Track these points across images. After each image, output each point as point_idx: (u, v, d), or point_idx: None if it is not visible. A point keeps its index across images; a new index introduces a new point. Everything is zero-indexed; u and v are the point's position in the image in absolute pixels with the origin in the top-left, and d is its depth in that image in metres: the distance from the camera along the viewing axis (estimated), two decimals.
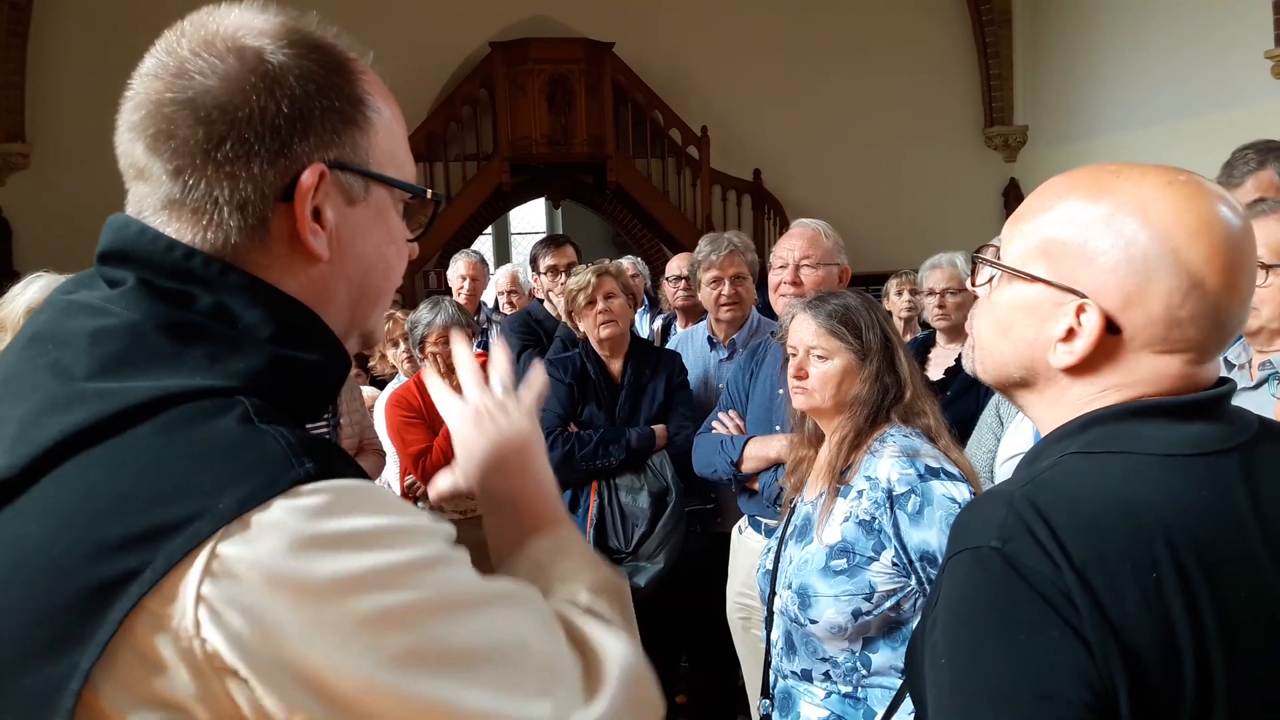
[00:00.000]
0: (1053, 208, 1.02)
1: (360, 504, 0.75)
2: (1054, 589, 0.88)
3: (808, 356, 2.15)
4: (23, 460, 0.73)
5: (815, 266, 2.96)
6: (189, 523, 0.70)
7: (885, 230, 9.76)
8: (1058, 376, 1.02)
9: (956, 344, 3.61)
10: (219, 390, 0.77)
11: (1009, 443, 2.57)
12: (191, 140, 0.80)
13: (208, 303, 0.81)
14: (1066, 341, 1.00)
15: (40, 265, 2.49)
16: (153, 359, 0.77)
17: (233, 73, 0.81)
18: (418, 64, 9.16)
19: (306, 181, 0.82)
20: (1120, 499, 0.93)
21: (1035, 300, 1.02)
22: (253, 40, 0.82)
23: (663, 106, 10.05)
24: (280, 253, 0.84)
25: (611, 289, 3.41)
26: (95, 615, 0.69)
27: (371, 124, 0.87)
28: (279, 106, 0.81)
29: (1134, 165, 1.02)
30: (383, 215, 0.91)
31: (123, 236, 0.83)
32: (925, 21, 10.81)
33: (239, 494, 0.71)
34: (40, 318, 0.84)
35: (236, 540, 0.70)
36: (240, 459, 0.73)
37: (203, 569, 0.69)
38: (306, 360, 0.84)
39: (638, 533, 3.22)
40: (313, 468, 0.74)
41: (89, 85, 8.70)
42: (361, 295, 0.92)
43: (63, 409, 0.74)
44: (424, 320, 3.54)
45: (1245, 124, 5.37)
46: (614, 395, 3.41)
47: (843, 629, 1.95)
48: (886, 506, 1.95)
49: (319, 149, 0.83)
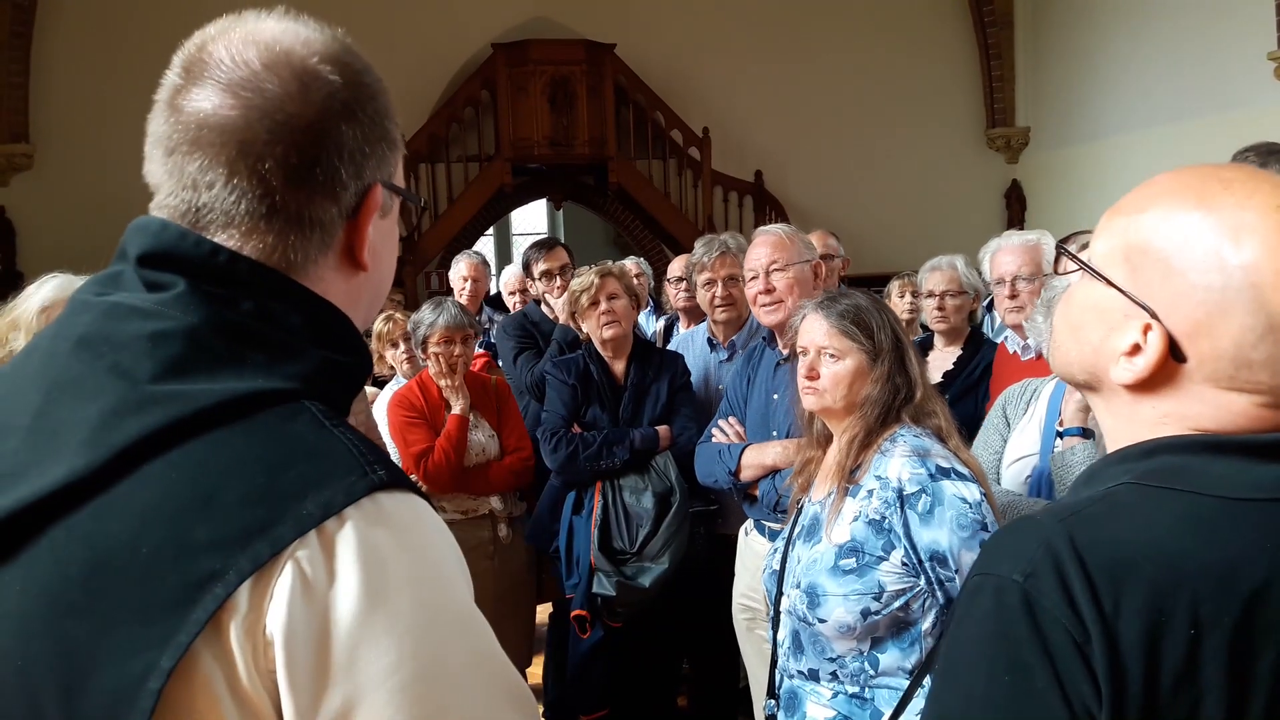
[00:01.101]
0: (1147, 209, 0.94)
1: (422, 535, 0.78)
2: (1064, 637, 0.83)
3: (819, 357, 2.15)
4: (100, 460, 0.74)
5: (785, 269, 2.98)
6: (273, 526, 0.71)
7: (886, 231, 9.77)
8: (1119, 390, 0.96)
9: (955, 346, 3.60)
10: (284, 393, 0.79)
11: (1015, 444, 2.57)
12: (284, 160, 0.82)
13: (251, 307, 0.83)
14: (1130, 356, 0.93)
15: (44, 266, 2.49)
16: (215, 362, 0.79)
17: (317, 99, 0.84)
18: (419, 65, 9.17)
19: (374, 203, 0.88)
20: (1166, 546, 0.86)
21: (1108, 305, 0.95)
22: (322, 63, 0.85)
23: (664, 108, 10.05)
24: (334, 265, 0.88)
25: (615, 290, 3.42)
26: (178, 615, 0.69)
27: (401, 143, 0.93)
28: (355, 133, 0.86)
29: (1249, 176, 0.92)
30: (395, 225, 0.97)
31: (163, 240, 0.83)
32: (927, 23, 10.81)
33: (320, 499, 0.73)
34: (80, 319, 0.83)
35: (314, 550, 0.72)
36: (318, 464, 0.75)
37: (280, 574, 0.71)
38: (345, 362, 0.88)
39: (642, 533, 3.22)
40: (385, 475, 0.76)
41: (92, 86, 8.73)
42: (375, 299, 0.97)
43: (135, 411, 0.75)
44: (426, 320, 3.54)
45: (1247, 126, 5.37)
46: (617, 396, 3.41)
47: (851, 628, 1.95)
48: (897, 506, 1.95)
49: (377, 170, 0.89)
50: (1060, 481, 2.27)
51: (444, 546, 0.80)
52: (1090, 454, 2.25)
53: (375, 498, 0.75)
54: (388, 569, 0.73)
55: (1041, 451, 2.47)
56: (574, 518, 3.35)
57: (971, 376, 3.41)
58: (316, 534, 0.72)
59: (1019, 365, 3.00)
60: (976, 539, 1.89)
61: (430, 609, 0.75)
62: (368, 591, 0.72)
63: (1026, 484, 2.48)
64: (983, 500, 1.94)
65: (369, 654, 0.71)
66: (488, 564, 3.50)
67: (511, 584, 3.58)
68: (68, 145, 8.89)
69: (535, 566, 3.72)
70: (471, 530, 3.51)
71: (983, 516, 1.92)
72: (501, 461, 3.56)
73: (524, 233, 15.56)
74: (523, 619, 3.69)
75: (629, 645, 3.32)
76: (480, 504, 3.54)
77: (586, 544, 3.25)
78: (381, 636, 0.72)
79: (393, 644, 0.72)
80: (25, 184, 9.10)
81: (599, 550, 3.21)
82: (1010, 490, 2.47)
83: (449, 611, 0.77)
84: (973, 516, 1.90)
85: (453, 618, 0.77)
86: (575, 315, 3.53)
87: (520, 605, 3.66)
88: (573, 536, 3.34)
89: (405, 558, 0.75)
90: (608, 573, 3.17)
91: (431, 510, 0.82)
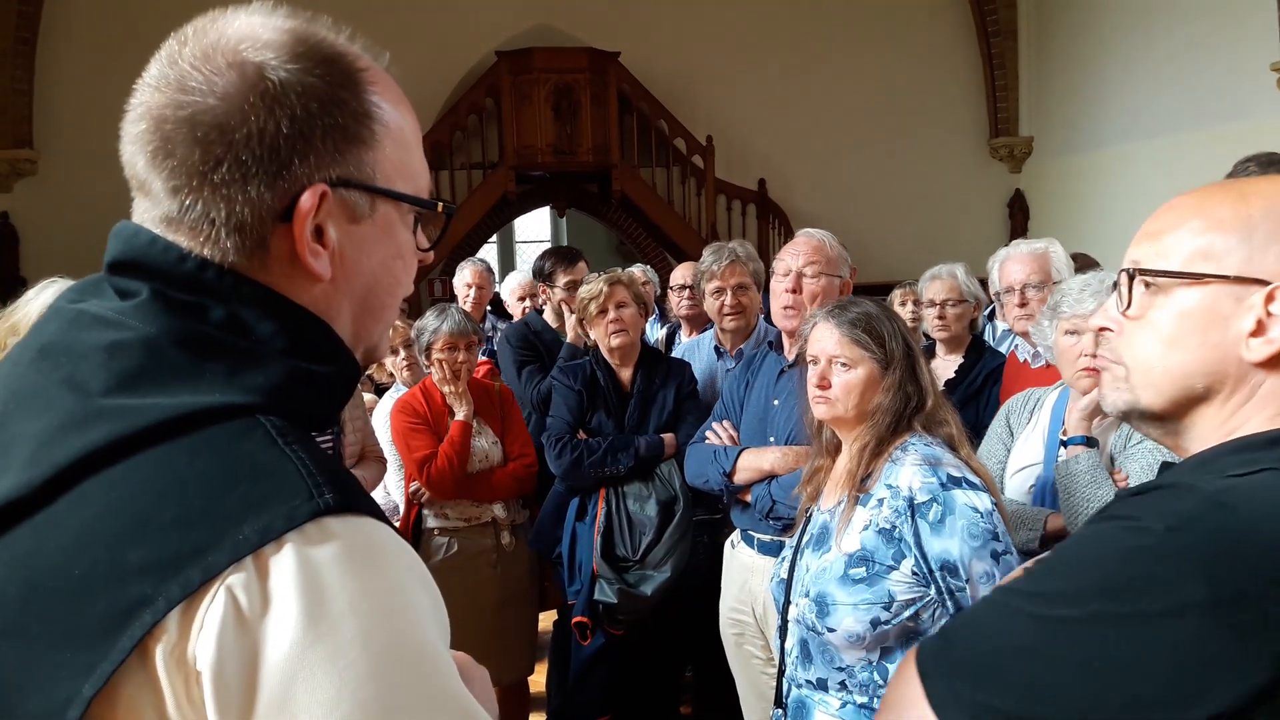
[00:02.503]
0: (1198, 215, 0.99)
1: (371, 562, 0.72)
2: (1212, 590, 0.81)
3: (830, 366, 2.13)
4: (39, 478, 0.71)
5: (817, 276, 2.93)
6: (207, 551, 0.68)
7: (890, 240, 9.77)
8: (1250, 374, 0.97)
9: (956, 355, 3.60)
10: (239, 408, 0.75)
11: (1019, 453, 2.56)
12: (189, 160, 0.78)
13: (220, 315, 0.79)
14: (1258, 335, 0.95)
15: (47, 271, 2.49)
16: (171, 374, 0.76)
17: (232, 90, 0.78)
18: (424, 73, 9.20)
19: (305, 204, 0.80)
20: None
21: (1209, 302, 0.98)
22: (255, 54, 0.80)
23: (668, 116, 10.08)
24: (281, 272, 0.82)
25: (623, 298, 3.42)
26: (105, 642, 0.67)
27: (378, 138, 0.85)
28: (278, 126, 0.79)
29: (1261, 178, 0.99)
30: (389, 230, 0.88)
31: (133, 246, 0.81)
32: (931, 32, 10.83)
33: (258, 524, 0.69)
34: (48, 328, 0.81)
35: (249, 576, 0.68)
36: (262, 485, 0.71)
37: (211, 601, 0.67)
38: (320, 372, 0.83)
39: (645, 541, 3.21)
40: (332, 499, 0.72)
41: (96, 92, 8.73)
42: (365, 311, 0.90)
43: (80, 426, 0.73)
44: (430, 327, 3.54)
45: (1251, 136, 5.36)
46: (624, 403, 3.41)
47: (861, 638, 1.93)
48: (908, 515, 1.94)
49: (321, 168, 0.81)
50: (1064, 490, 2.26)
51: (400, 574, 0.74)
52: (1094, 462, 2.25)
53: (321, 522, 0.70)
54: (328, 598, 0.68)
55: (1045, 461, 2.47)
56: (577, 524, 3.35)
57: (973, 385, 3.41)
58: (253, 560, 0.68)
59: (1029, 373, 3.00)
60: (988, 548, 1.88)
61: (378, 642, 0.68)
62: (304, 622, 0.67)
63: (1030, 493, 2.48)
64: (994, 510, 1.93)
65: (304, 690, 0.66)
66: (490, 571, 3.49)
67: (514, 591, 3.57)
68: (71, 151, 8.91)
69: (538, 574, 3.72)
70: (474, 537, 3.51)
71: (994, 526, 1.90)
72: (505, 468, 3.55)
73: (527, 240, 15.59)
74: (525, 626, 3.68)
75: (631, 653, 3.30)
76: (483, 511, 3.53)
77: (589, 551, 3.24)
78: (318, 671, 0.66)
79: (330, 680, 0.66)
80: (29, 189, 9.14)
81: (601, 557, 3.20)
82: (1014, 500, 2.46)
83: (399, 646, 0.70)
84: (984, 526, 1.89)
85: (403, 653, 0.70)
86: (583, 322, 3.53)
87: (523, 613, 3.65)
88: (575, 543, 3.33)
89: (350, 586, 0.69)
90: (610, 580, 3.16)
91: (394, 537, 0.76)
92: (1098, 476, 2.22)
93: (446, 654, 0.75)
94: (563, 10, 10.12)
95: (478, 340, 3.67)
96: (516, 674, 3.62)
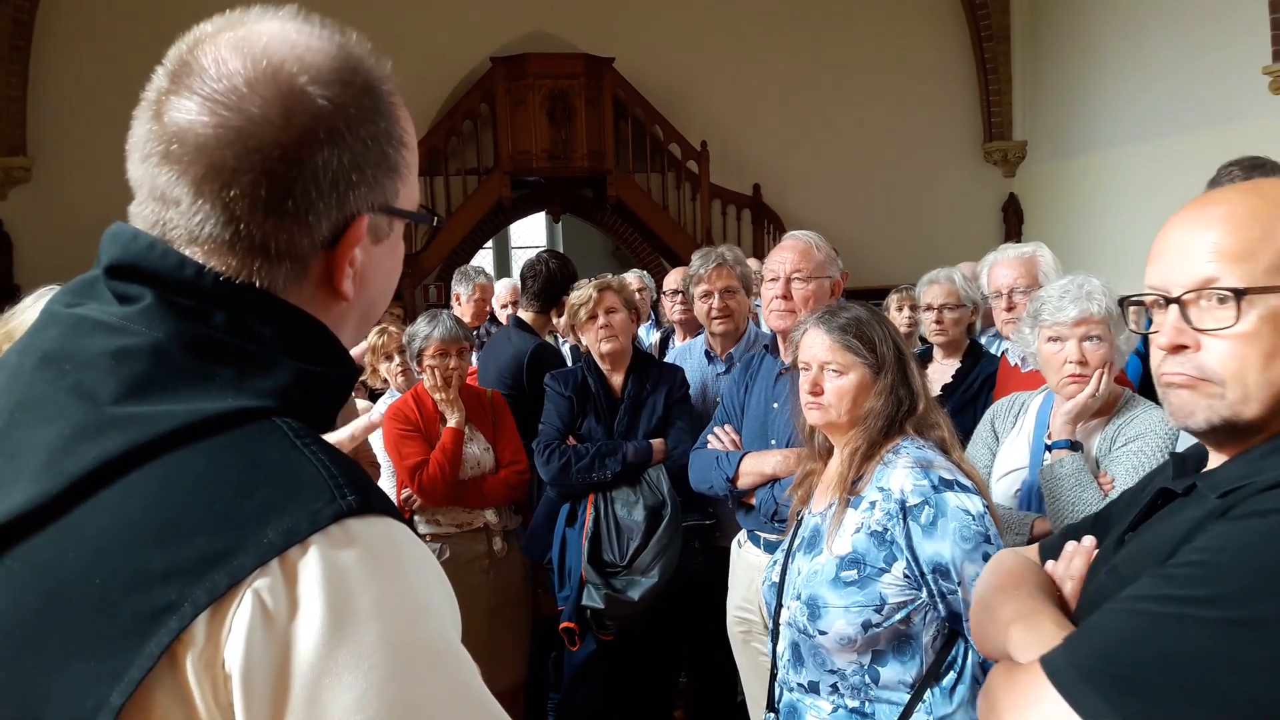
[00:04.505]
0: (1273, 225, 1.03)
1: (393, 563, 0.73)
2: None
3: (822, 371, 2.13)
4: (55, 489, 0.71)
5: (807, 280, 2.93)
6: (232, 555, 0.68)
7: (885, 245, 9.79)
8: None
9: (953, 359, 3.60)
10: (254, 411, 0.75)
11: (1004, 458, 2.57)
12: (253, 189, 0.78)
13: (224, 319, 0.79)
14: None
15: (41, 278, 2.48)
16: (181, 380, 0.75)
17: (298, 122, 0.78)
18: (419, 78, 9.20)
19: (357, 234, 0.83)
20: None
21: None
22: (312, 84, 0.79)
23: (662, 121, 10.09)
24: (310, 292, 0.84)
25: (613, 304, 3.42)
26: (131, 649, 0.66)
27: (408, 165, 0.87)
28: (341, 161, 0.80)
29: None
30: (396, 245, 0.91)
31: (132, 251, 0.80)
32: (925, 37, 10.86)
33: (282, 527, 0.69)
34: (47, 334, 0.80)
35: (275, 580, 0.68)
36: (284, 488, 0.71)
37: (239, 605, 0.67)
38: (324, 374, 0.84)
39: (632, 546, 3.20)
40: (355, 501, 0.72)
41: (90, 100, 8.74)
42: (365, 320, 0.92)
43: (94, 436, 0.72)
44: (422, 333, 3.54)
45: (1243, 140, 5.37)
46: (614, 409, 3.41)
47: (852, 640, 1.93)
48: (899, 518, 1.94)
49: (368, 198, 0.83)
50: (1050, 494, 2.27)
51: (423, 575, 0.75)
52: (1079, 466, 2.25)
53: (344, 524, 0.71)
54: (354, 599, 0.69)
55: (1030, 465, 2.47)
56: (567, 530, 3.34)
57: (970, 389, 3.41)
58: (279, 563, 0.68)
59: (1020, 377, 3.00)
60: (979, 551, 1.87)
61: (401, 642, 0.70)
62: (331, 623, 0.68)
63: (1016, 497, 2.48)
64: (986, 512, 1.93)
65: (332, 690, 0.67)
66: (482, 578, 3.49)
67: (506, 598, 3.56)
68: (66, 158, 8.91)
69: (531, 580, 3.72)
70: (466, 544, 3.50)
71: (986, 529, 1.90)
72: (497, 475, 3.54)
73: (523, 245, 15.58)
74: (518, 632, 3.68)
75: (624, 658, 3.30)
76: (475, 517, 3.53)
77: (579, 556, 3.25)
78: (345, 671, 0.67)
79: (358, 679, 0.67)
80: (23, 197, 9.12)
81: (589, 563, 3.20)
82: (1000, 504, 2.46)
83: (422, 645, 0.72)
84: (976, 529, 1.89)
85: (426, 651, 0.72)
86: (574, 328, 3.53)
87: (515, 619, 3.64)
88: (565, 549, 3.33)
89: (375, 587, 0.70)
90: (597, 585, 3.16)
91: (412, 536, 0.77)
92: (1083, 480, 2.23)
93: (463, 649, 0.77)
94: (558, 16, 10.12)
95: (469, 346, 3.68)
96: (509, 680, 3.62)
